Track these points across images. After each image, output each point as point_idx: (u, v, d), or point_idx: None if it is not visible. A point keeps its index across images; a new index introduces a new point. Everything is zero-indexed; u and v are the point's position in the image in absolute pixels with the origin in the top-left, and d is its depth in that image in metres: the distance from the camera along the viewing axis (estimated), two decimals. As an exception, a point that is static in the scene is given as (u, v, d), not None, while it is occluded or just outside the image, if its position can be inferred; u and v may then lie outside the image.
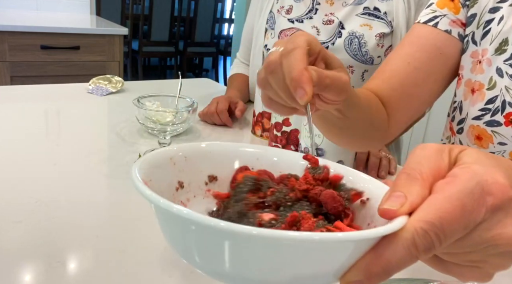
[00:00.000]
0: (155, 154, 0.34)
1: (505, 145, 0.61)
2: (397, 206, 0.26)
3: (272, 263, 0.25)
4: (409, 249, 0.25)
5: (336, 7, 1.06)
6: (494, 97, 0.62)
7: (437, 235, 0.25)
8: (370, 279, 0.25)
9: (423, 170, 0.27)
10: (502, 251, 0.27)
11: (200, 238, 0.26)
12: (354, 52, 1.02)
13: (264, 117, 1.01)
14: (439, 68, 0.67)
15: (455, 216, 0.25)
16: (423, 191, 0.26)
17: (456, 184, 0.26)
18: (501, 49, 0.62)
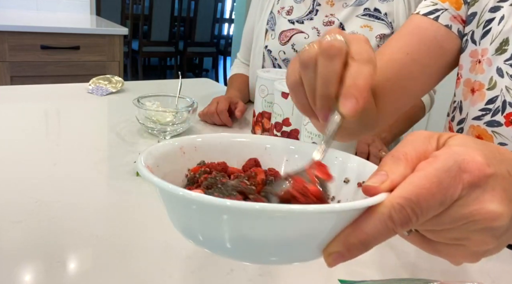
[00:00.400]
0: (165, 144, 0.36)
1: (505, 145, 0.61)
2: (378, 183, 0.28)
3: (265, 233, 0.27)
4: (386, 223, 0.26)
5: (337, 8, 1.06)
6: (494, 97, 0.61)
7: (413, 209, 0.26)
8: (349, 250, 0.27)
9: (408, 152, 0.29)
10: (481, 227, 0.28)
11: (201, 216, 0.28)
12: None
13: (264, 117, 1.01)
14: (436, 62, 0.66)
15: (431, 192, 0.26)
16: (405, 170, 0.28)
17: (435, 162, 0.27)
18: (501, 49, 0.61)
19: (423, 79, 0.66)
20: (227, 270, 0.53)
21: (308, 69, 0.35)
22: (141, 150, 0.84)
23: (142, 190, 0.72)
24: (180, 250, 0.57)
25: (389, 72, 0.65)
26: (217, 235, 0.29)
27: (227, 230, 0.28)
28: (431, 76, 0.67)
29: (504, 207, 0.27)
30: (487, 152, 0.28)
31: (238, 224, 0.27)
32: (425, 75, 0.66)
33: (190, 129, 1.02)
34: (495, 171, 0.27)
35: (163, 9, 4.16)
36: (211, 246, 0.31)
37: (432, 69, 0.66)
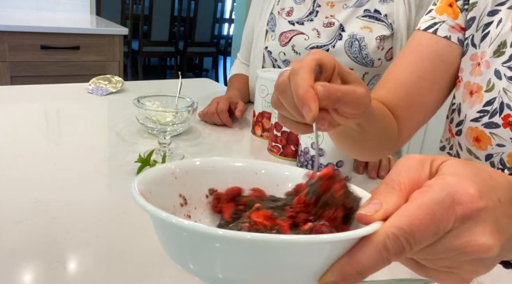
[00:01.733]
0: (157, 169, 0.37)
1: (503, 147, 0.61)
2: (372, 212, 0.28)
3: (258, 265, 0.27)
4: (381, 252, 0.27)
5: (337, 9, 1.06)
6: (492, 99, 0.62)
7: (407, 240, 0.27)
8: (344, 279, 0.27)
9: (402, 181, 0.30)
10: (472, 258, 0.29)
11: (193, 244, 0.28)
12: (355, 54, 1.02)
13: (264, 117, 1.01)
14: (442, 76, 0.68)
15: (425, 223, 0.27)
16: (399, 200, 0.29)
17: (429, 193, 0.28)
18: (499, 52, 0.62)
19: (434, 93, 0.68)
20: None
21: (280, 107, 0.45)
22: (141, 150, 0.84)
23: (142, 190, 0.72)
24: (180, 250, 0.57)
25: (399, 92, 0.68)
26: (209, 264, 0.29)
27: (219, 259, 0.28)
28: (440, 89, 0.68)
29: (495, 240, 0.28)
30: (479, 181, 0.29)
31: (231, 254, 0.27)
32: (435, 90, 0.68)
33: (190, 129, 1.02)
34: (487, 204, 0.28)
35: (163, 9, 4.16)
36: (203, 275, 0.31)
37: (440, 83, 0.68)
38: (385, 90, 0.69)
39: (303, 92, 0.39)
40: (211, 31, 4.57)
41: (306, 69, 0.40)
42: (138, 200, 0.30)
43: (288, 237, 0.26)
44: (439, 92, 0.68)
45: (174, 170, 0.37)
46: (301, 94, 0.39)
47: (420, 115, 0.69)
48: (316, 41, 1.06)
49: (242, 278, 0.28)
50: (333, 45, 1.04)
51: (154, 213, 0.28)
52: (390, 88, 0.68)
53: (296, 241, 0.25)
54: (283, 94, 0.42)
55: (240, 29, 3.92)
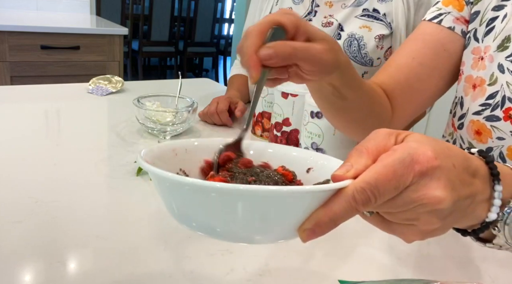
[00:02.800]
0: (158, 146, 0.41)
1: (503, 140, 0.62)
2: (344, 172, 0.33)
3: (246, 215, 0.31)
4: (350, 202, 0.31)
5: (335, 9, 1.06)
6: (494, 92, 0.63)
7: (372, 192, 0.31)
8: (319, 227, 0.32)
9: (369, 146, 0.34)
10: (428, 209, 0.33)
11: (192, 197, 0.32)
12: (354, 54, 1.02)
13: (264, 117, 1.01)
14: (443, 65, 0.69)
15: (387, 178, 0.31)
16: (367, 161, 0.33)
17: (392, 155, 0.32)
18: (503, 46, 0.63)
19: (433, 81, 0.69)
20: (227, 270, 0.54)
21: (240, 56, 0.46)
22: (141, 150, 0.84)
23: (142, 190, 0.72)
24: (180, 250, 0.57)
25: (399, 77, 0.69)
26: (207, 217, 0.33)
27: (216, 211, 0.32)
28: (440, 78, 0.70)
29: (447, 193, 0.32)
30: (437, 148, 0.33)
31: (226, 204, 0.31)
32: (434, 77, 0.69)
33: (190, 129, 1.02)
34: (441, 163, 0.32)
35: (163, 9, 4.16)
36: (202, 228, 0.34)
37: (440, 71, 0.69)
38: (385, 74, 0.70)
39: (247, 57, 0.42)
40: (211, 31, 4.57)
41: (255, 33, 0.43)
42: (144, 165, 0.33)
43: (275, 188, 0.30)
44: (439, 80, 0.69)
45: (174, 147, 0.41)
46: (245, 60, 0.42)
47: (417, 101, 0.71)
48: None
49: (231, 228, 0.33)
50: None
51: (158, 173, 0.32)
52: (391, 72, 0.70)
53: (282, 191, 0.30)
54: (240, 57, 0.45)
55: (240, 29, 3.92)
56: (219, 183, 0.30)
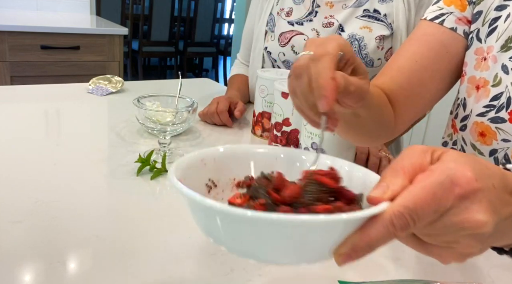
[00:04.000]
0: (188, 157, 0.41)
1: (508, 142, 0.61)
2: (381, 194, 0.32)
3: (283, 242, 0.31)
4: (388, 228, 0.30)
5: (336, 9, 1.06)
6: (499, 94, 0.62)
7: (411, 216, 0.30)
8: (355, 251, 0.31)
9: (405, 165, 0.33)
10: (469, 233, 0.32)
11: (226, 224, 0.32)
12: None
13: (264, 117, 1.01)
14: (445, 67, 0.68)
15: (426, 202, 0.30)
16: (404, 182, 0.32)
17: (431, 176, 0.31)
18: (507, 46, 0.62)
19: (435, 84, 0.68)
20: (227, 270, 0.54)
21: (294, 95, 0.43)
22: (141, 150, 0.84)
23: (142, 190, 0.72)
24: (180, 250, 0.57)
25: (401, 80, 0.68)
26: (238, 242, 0.33)
27: (248, 238, 0.31)
28: (442, 81, 0.69)
29: (489, 217, 0.31)
30: (476, 167, 0.32)
31: (258, 233, 0.30)
32: (436, 80, 0.68)
33: (190, 129, 1.02)
34: (482, 185, 0.31)
35: (163, 9, 4.16)
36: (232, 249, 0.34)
37: (442, 74, 0.68)
38: (387, 77, 0.69)
39: (324, 82, 0.38)
40: (211, 31, 4.57)
41: (330, 57, 0.39)
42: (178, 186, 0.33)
43: (308, 217, 0.29)
44: (441, 83, 0.68)
45: (203, 157, 0.41)
46: (322, 83, 0.38)
47: (419, 105, 0.70)
48: None
49: (267, 253, 0.32)
50: None
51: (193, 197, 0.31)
52: (393, 75, 0.68)
53: (319, 220, 0.29)
54: (299, 79, 0.41)
55: (240, 29, 3.91)
56: (250, 212, 0.29)
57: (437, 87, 0.69)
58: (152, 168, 0.77)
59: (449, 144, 0.74)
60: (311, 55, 0.40)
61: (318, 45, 0.40)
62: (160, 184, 0.75)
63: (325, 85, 0.38)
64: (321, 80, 0.38)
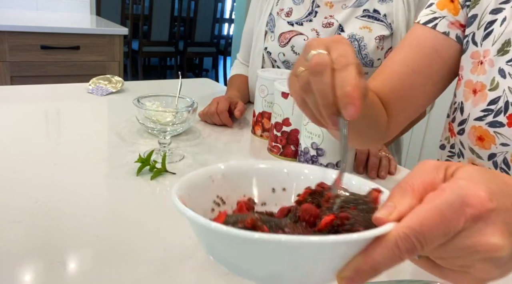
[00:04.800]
0: (195, 174, 0.40)
1: (507, 146, 0.61)
2: (387, 215, 0.30)
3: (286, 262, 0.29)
4: (393, 250, 0.29)
5: (336, 9, 1.06)
6: (497, 98, 0.61)
7: (417, 238, 0.28)
8: (359, 275, 0.29)
9: (415, 183, 0.31)
10: (484, 257, 0.30)
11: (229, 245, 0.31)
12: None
13: (264, 117, 1.01)
14: (437, 71, 0.67)
15: (434, 223, 0.28)
16: (412, 201, 0.30)
17: (440, 196, 0.29)
18: (503, 50, 0.61)
19: (426, 88, 0.68)
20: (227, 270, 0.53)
21: (307, 92, 0.41)
22: (141, 150, 0.84)
23: (142, 190, 0.72)
24: (180, 250, 0.57)
25: (393, 84, 0.67)
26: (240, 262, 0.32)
27: (250, 259, 0.30)
28: (434, 85, 0.68)
29: (505, 240, 0.29)
30: (492, 186, 0.30)
31: (260, 254, 0.29)
32: (428, 85, 0.68)
33: (190, 129, 1.02)
34: (497, 206, 0.29)
35: (163, 9, 4.16)
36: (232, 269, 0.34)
37: (434, 78, 0.68)
38: (380, 81, 0.69)
39: (352, 91, 0.37)
40: (211, 31, 4.57)
41: (355, 67, 0.39)
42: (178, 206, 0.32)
43: (313, 238, 0.27)
44: (433, 87, 0.68)
45: (211, 173, 0.40)
46: (349, 91, 0.37)
47: (411, 108, 0.69)
48: None
49: (270, 273, 0.31)
50: None
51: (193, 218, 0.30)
52: (385, 79, 0.68)
53: (319, 242, 0.28)
54: (318, 76, 0.39)
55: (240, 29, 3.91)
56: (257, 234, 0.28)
57: (430, 91, 0.68)
58: (152, 168, 0.77)
59: (446, 147, 0.74)
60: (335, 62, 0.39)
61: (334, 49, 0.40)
62: (160, 184, 0.75)
63: (352, 94, 0.37)
64: (348, 88, 0.37)
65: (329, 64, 0.39)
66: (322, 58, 0.39)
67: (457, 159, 0.72)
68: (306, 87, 0.41)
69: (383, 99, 0.67)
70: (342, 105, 0.38)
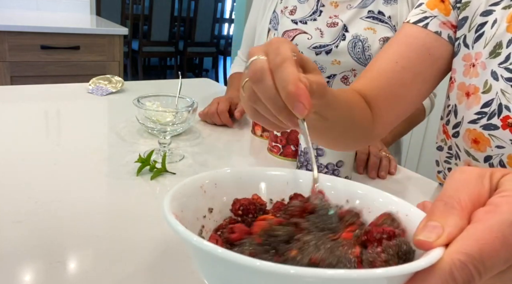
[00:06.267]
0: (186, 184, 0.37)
1: (502, 149, 0.61)
2: (434, 238, 0.25)
3: None
4: (448, 282, 0.24)
5: (341, 9, 1.06)
6: (490, 101, 0.61)
7: (476, 268, 0.24)
8: None
9: (462, 198, 0.27)
10: None
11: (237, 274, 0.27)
12: (358, 55, 1.02)
13: (264, 117, 1.01)
14: (427, 69, 0.66)
15: (495, 248, 0.24)
16: (462, 221, 0.26)
17: (497, 214, 0.25)
18: (495, 53, 0.61)
19: (416, 86, 0.67)
20: None
21: (256, 101, 0.39)
22: (141, 150, 0.84)
23: (142, 190, 0.72)
24: (180, 250, 0.57)
25: (381, 81, 0.66)
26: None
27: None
28: (424, 83, 0.67)
29: None
30: None
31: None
32: (417, 82, 0.66)
33: (190, 129, 1.02)
34: None
35: (163, 9, 4.16)
36: None
37: (423, 76, 0.66)
38: (367, 79, 0.67)
39: (294, 88, 0.35)
40: (211, 31, 4.57)
41: (290, 62, 0.36)
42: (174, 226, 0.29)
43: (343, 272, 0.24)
44: (422, 85, 0.67)
45: (202, 183, 0.38)
46: (292, 90, 0.35)
47: (400, 107, 0.68)
48: (319, 41, 1.06)
49: None
50: (336, 45, 1.04)
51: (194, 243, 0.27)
52: (373, 77, 0.67)
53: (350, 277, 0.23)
54: (260, 84, 0.37)
55: (240, 29, 3.91)
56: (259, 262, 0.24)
57: (419, 89, 0.67)
58: (152, 168, 0.77)
59: (444, 148, 0.74)
60: (270, 62, 0.37)
61: (271, 51, 0.38)
62: (160, 184, 0.74)
63: (296, 91, 0.35)
64: (291, 87, 0.35)
65: (267, 67, 0.37)
66: (258, 64, 0.37)
67: (454, 160, 0.72)
68: (253, 97, 0.39)
69: (370, 97, 0.65)
70: (290, 106, 0.36)
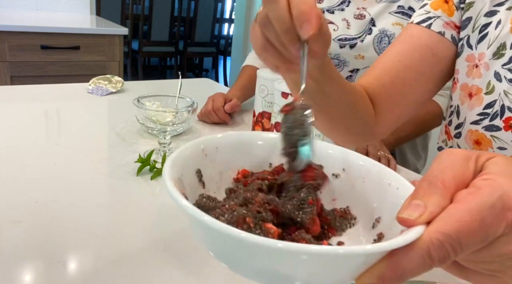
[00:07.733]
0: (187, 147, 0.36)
1: (505, 150, 0.61)
2: (416, 216, 0.26)
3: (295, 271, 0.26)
4: (424, 259, 0.25)
5: (369, 2, 1.03)
6: (492, 102, 0.61)
7: (453, 247, 0.25)
8: (383, 283, 0.26)
9: (446, 178, 0.27)
10: None
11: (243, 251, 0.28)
12: (383, 50, 1.00)
13: (264, 117, 1.01)
14: (430, 69, 0.67)
15: (473, 229, 0.25)
16: (444, 200, 0.27)
17: (478, 196, 0.26)
18: (499, 54, 0.61)
19: (419, 86, 0.67)
20: (227, 270, 0.53)
21: (266, 25, 0.39)
22: (141, 150, 0.84)
23: (142, 190, 0.73)
24: (180, 250, 0.57)
25: (384, 79, 0.66)
26: (246, 266, 0.29)
27: (257, 264, 0.28)
28: (427, 83, 0.67)
29: None
30: None
31: (268, 261, 0.26)
32: (420, 82, 0.67)
33: (190, 129, 1.02)
34: None
35: (163, 9, 4.16)
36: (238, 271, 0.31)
37: (427, 76, 0.67)
38: (370, 76, 0.68)
39: (308, 8, 0.36)
40: (211, 31, 4.57)
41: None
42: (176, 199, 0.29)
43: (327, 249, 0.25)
44: (425, 85, 0.67)
45: (204, 146, 0.38)
46: (304, 9, 0.36)
47: (402, 106, 0.68)
48: (345, 33, 1.03)
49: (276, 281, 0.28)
50: (362, 40, 1.01)
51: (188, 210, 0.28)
52: (376, 74, 0.67)
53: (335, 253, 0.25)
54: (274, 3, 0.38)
55: (240, 29, 3.92)
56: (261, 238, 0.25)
57: (422, 89, 0.67)
58: (152, 168, 0.77)
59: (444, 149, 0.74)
60: None
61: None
62: (160, 184, 0.75)
63: (307, 11, 0.36)
64: (304, 6, 0.36)
65: None
66: None
67: None
68: (264, 21, 0.39)
69: (374, 95, 0.66)
70: (298, 25, 0.37)
